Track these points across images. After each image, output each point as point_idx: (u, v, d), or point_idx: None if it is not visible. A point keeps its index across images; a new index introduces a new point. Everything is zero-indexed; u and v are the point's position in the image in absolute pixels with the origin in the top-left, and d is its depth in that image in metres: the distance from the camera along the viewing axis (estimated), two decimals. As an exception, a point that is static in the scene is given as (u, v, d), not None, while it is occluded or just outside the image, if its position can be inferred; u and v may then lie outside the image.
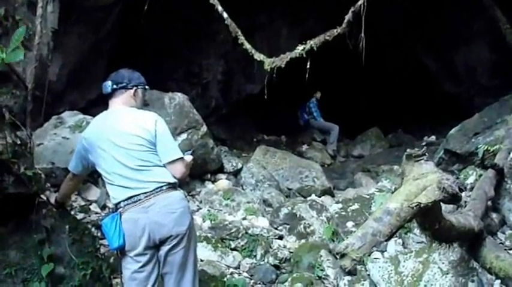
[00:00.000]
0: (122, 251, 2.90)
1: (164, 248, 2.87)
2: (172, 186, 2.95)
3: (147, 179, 2.87)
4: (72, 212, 4.25)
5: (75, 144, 4.94)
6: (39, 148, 4.81)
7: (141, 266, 2.87)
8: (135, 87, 3.15)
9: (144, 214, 2.84)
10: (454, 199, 2.76)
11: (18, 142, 3.28)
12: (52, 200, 3.49)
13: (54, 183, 4.42)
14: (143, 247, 2.85)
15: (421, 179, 2.76)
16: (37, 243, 3.30)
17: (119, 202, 2.91)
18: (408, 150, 3.03)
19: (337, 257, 3.25)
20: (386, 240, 2.89)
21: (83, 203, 4.72)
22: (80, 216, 4.39)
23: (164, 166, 2.96)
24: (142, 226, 2.83)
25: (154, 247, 2.87)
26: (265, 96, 5.76)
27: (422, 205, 2.51)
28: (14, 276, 3.19)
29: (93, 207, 4.74)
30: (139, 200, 2.86)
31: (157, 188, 2.87)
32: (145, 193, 2.86)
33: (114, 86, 3.11)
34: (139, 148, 2.91)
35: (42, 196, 3.46)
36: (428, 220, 2.89)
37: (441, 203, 2.92)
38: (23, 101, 4.29)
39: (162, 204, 2.85)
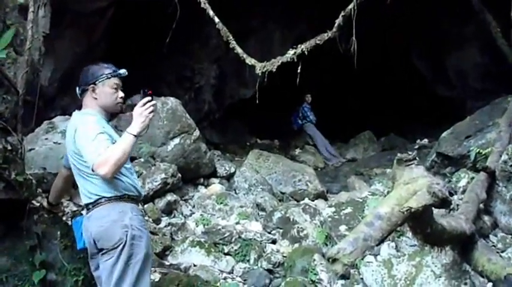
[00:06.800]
0: None
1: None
2: (108, 199, 2.78)
3: (90, 189, 2.81)
4: (64, 218, 4.22)
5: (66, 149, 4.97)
6: (31, 153, 4.79)
7: (94, 270, 2.90)
8: (92, 85, 2.83)
9: (88, 223, 2.85)
10: (444, 203, 2.77)
11: (9, 148, 3.26)
12: (44, 204, 3.46)
13: (46, 188, 4.39)
14: (89, 253, 2.88)
15: (412, 184, 2.77)
16: (28, 249, 3.29)
17: (84, 206, 2.95)
18: (399, 154, 3.05)
19: (329, 261, 3.25)
20: (378, 245, 2.89)
21: (74, 208, 4.70)
22: (71, 222, 4.37)
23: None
24: (86, 233, 2.85)
25: (98, 254, 2.81)
26: (257, 101, 5.75)
27: (412, 210, 2.52)
28: (5, 283, 3.18)
29: (85, 212, 4.71)
30: (88, 209, 2.87)
31: (97, 200, 2.80)
32: (91, 203, 2.84)
33: (79, 92, 2.92)
34: (76, 161, 2.82)
35: (34, 201, 3.44)
36: (420, 224, 2.91)
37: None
38: (14, 106, 4.24)
39: (96, 217, 2.80)
